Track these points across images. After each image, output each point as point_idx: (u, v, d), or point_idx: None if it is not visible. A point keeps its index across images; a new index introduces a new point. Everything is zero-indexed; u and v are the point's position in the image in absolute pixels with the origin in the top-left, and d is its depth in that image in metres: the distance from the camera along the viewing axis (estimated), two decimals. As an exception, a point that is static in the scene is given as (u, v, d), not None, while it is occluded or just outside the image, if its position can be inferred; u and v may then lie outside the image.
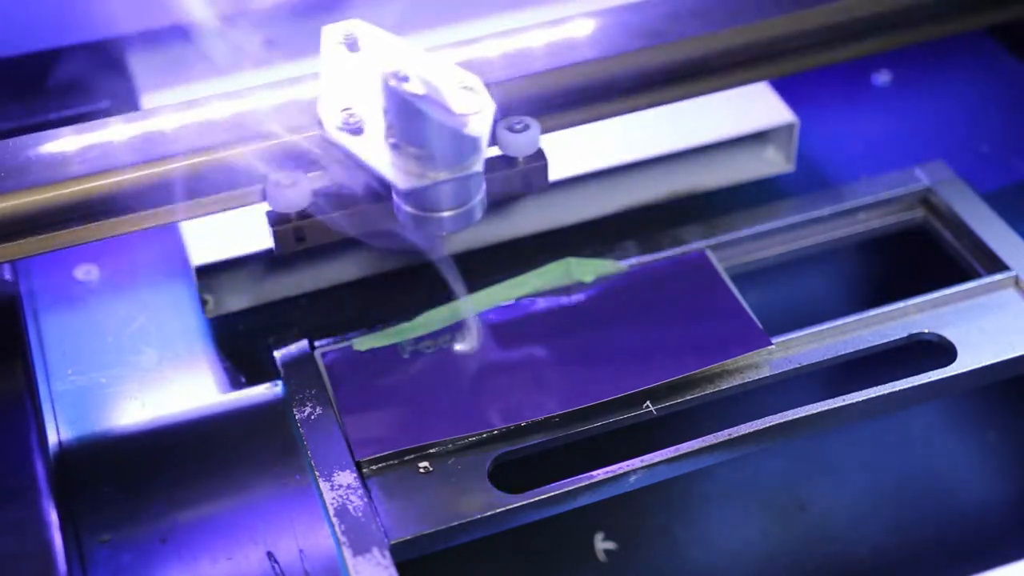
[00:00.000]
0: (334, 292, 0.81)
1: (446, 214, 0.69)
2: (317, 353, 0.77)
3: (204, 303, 0.79)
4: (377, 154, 0.68)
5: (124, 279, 0.83)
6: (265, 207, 0.73)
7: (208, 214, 0.72)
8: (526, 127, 0.72)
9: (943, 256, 0.84)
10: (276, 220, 0.71)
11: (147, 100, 0.88)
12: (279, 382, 0.76)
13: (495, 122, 0.70)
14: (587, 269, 0.80)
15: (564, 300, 0.79)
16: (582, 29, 0.77)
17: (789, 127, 0.85)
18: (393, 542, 0.68)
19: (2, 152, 0.70)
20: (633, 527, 0.81)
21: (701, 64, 0.77)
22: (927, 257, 0.85)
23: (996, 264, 0.80)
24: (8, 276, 0.78)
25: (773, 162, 0.87)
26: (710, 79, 0.78)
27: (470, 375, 0.75)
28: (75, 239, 0.70)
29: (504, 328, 0.77)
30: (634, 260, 0.81)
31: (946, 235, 0.84)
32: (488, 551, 0.73)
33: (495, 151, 0.72)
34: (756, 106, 0.85)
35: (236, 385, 0.77)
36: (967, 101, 0.94)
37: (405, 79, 0.66)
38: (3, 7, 0.88)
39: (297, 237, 0.71)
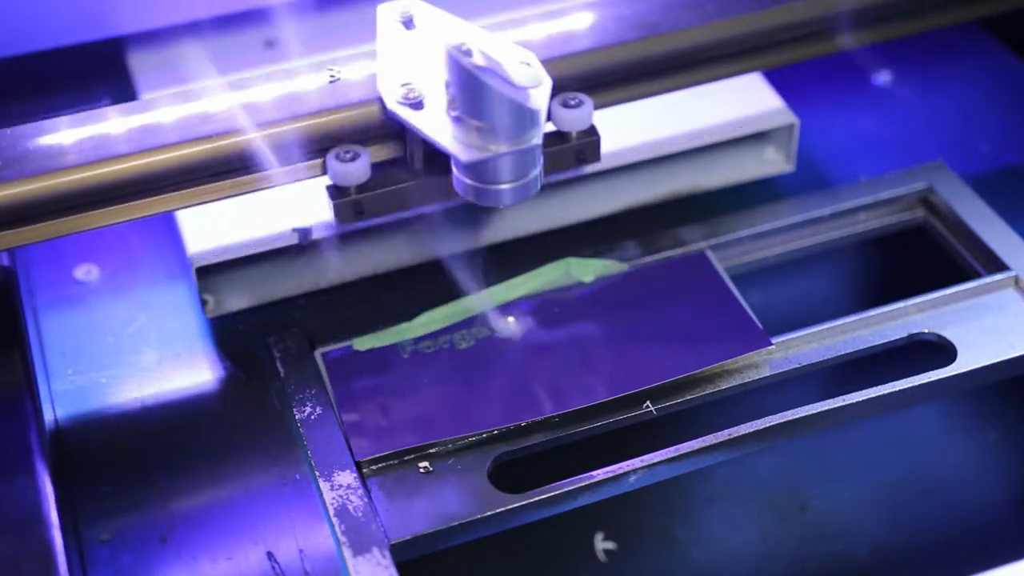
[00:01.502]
0: (334, 292, 0.81)
1: (505, 186, 0.70)
2: (317, 353, 0.77)
3: (204, 303, 0.79)
4: (439, 127, 0.69)
5: (124, 279, 0.83)
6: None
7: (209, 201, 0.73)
8: (580, 103, 0.73)
9: (943, 256, 0.84)
10: (336, 194, 0.72)
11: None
12: (279, 382, 0.76)
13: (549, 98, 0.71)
14: (587, 269, 0.80)
15: (564, 300, 0.79)
16: (579, 22, 0.77)
17: (789, 127, 0.85)
18: (393, 542, 0.68)
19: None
20: (633, 527, 0.81)
21: (695, 55, 0.78)
22: (927, 257, 0.85)
23: (996, 264, 0.80)
24: (5, 262, 0.78)
25: (773, 162, 0.87)
26: (703, 70, 0.79)
27: (470, 375, 0.75)
28: (74, 227, 0.70)
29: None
30: (634, 260, 0.81)
31: (946, 235, 0.84)
32: (488, 551, 0.73)
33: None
34: (756, 106, 0.85)
35: (236, 385, 0.77)
36: (967, 100, 0.94)
37: (469, 52, 0.67)
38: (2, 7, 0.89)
39: (356, 211, 0.72)
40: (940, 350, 0.76)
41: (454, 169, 0.70)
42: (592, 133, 0.74)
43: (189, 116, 0.72)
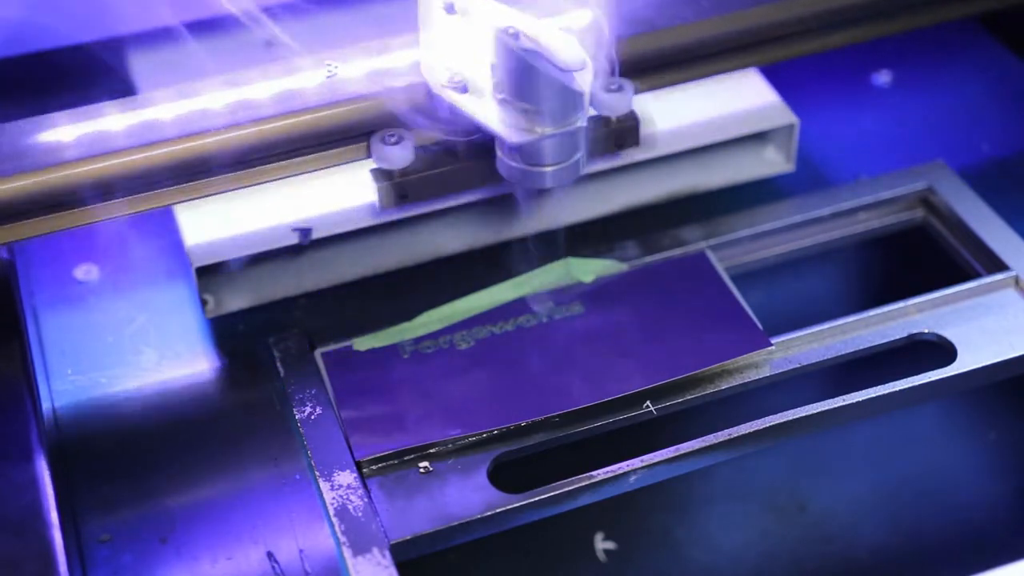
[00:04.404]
0: (334, 292, 0.81)
1: (549, 169, 0.71)
2: (317, 353, 0.77)
3: (204, 303, 0.79)
4: (485, 110, 0.70)
5: (124, 279, 0.83)
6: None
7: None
8: (620, 88, 0.74)
9: (943, 256, 0.84)
10: (380, 177, 0.73)
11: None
12: (279, 382, 0.76)
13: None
14: (587, 269, 0.80)
15: (564, 300, 0.79)
16: (575, 19, 0.77)
17: (789, 127, 0.85)
18: (393, 542, 0.68)
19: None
20: (633, 527, 0.81)
21: (691, 51, 0.78)
22: (927, 257, 0.85)
23: (996, 264, 0.80)
24: (4, 255, 0.78)
25: (773, 162, 0.87)
26: (700, 66, 0.79)
27: (470, 375, 0.75)
28: (73, 221, 0.71)
29: (504, 328, 0.77)
30: (634, 260, 0.81)
31: (946, 235, 0.84)
32: (488, 551, 0.73)
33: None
34: (756, 106, 0.85)
35: (236, 385, 0.77)
36: (967, 100, 0.94)
37: (517, 36, 0.68)
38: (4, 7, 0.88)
39: (400, 194, 0.73)
40: (940, 350, 0.76)
41: (499, 151, 0.72)
42: (632, 118, 0.75)
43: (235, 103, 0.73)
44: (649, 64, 0.78)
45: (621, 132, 0.76)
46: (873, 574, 0.81)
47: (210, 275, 0.79)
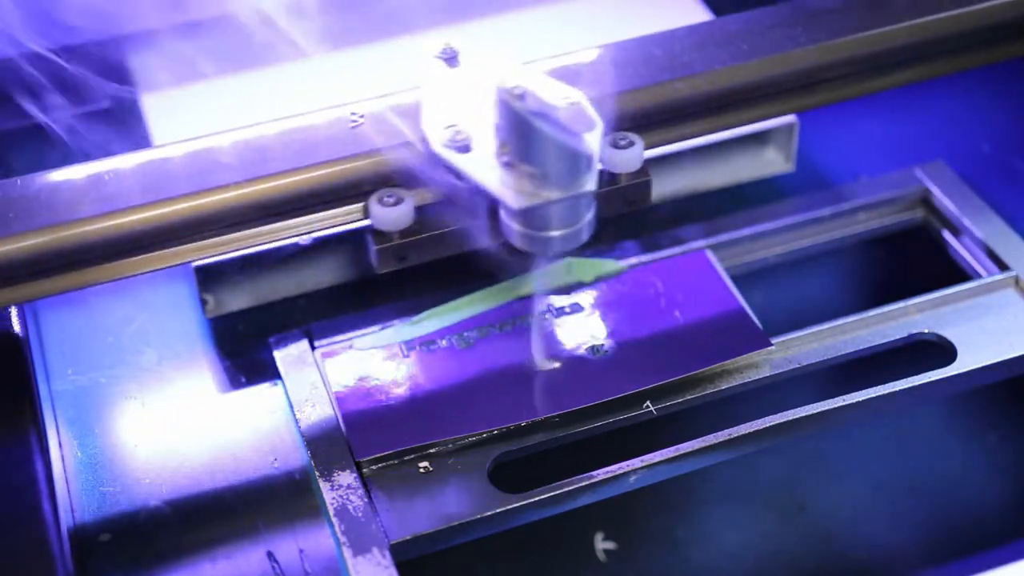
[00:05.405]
0: (334, 292, 0.81)
1: (555, 233, 0.67)
2: (317, 353, 0.77)
3: (204, 303, 0.79)
4: (488, 172, 0.66)
5: (124, 279, 0.83)
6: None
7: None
8: (631, 143, 0.71)
9: (943, 256, 0.84)
10: (378, 239, 0.70)
11: (147, 100, 0.88)
12: (279, 382, 0.76)
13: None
14: (587, 269, 0.80)
15: (564, 300, 0.79)
16: (608, 62, 0.75)
17: (789, 127, 0.85)
18: (393, 542, 0.68)
19: (10, 191, 0.69)
20: (633, 527, 0.81)
21: (730, 96, 0.75)
22: (927, 257, 0.85)
23: (996, 264, 0.80)
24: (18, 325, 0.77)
25: (773, 162, 0.87)
26: (738, 112, 0.76)
27: (470, 375, 0.75)
28: (86, 281, 0.69)
29: (504, 328, 0.77)
30: (634, 260, 0.81)
31: (946, 235, 0.84)
32: (488, 551, 0.73)
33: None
34: (756, 106, 0.85)
35: (236, 385, 0.77)
36: (967, 101, 0.94)
37: (522, 96, 0.64)
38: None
39: (399, 256, 0.71)
40: (940, 350, 0.76)
41: (502, 214, 0.68)
42: (643, 174, 0.72)
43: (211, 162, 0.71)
44: (686, 111, 0.74)
45: (631, 189, 0.72)
46: (873, 574, 0.81)
47: (210, 275, 0.79)
